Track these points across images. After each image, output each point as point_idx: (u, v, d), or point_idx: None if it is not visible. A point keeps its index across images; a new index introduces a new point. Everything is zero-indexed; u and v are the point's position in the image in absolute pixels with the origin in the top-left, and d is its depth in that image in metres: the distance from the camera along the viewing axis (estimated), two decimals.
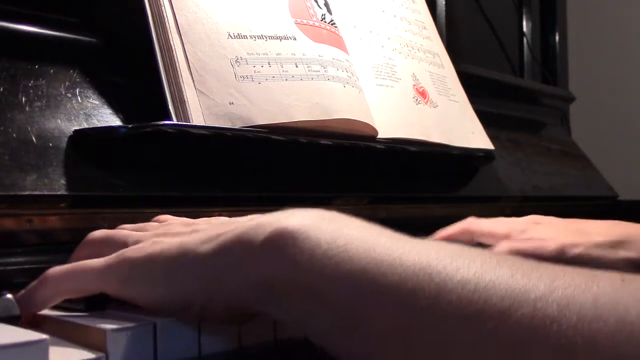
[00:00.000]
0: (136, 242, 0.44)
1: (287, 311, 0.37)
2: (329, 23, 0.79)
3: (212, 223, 0.45)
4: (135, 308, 0.42)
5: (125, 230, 0.47)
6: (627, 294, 0.30)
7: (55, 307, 0.44)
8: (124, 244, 0.44)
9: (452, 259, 0.34)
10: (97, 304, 0.43)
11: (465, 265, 0.33)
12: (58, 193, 0.57)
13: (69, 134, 0.60)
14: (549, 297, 0.31)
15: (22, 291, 0.44)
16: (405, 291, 0.33)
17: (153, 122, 0.61)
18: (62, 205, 0.58)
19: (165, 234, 0.44)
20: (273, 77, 0.69)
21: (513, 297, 0.31)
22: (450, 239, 0.77)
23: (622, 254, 0.72)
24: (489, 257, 0.34)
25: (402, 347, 0.33)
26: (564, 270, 0.33)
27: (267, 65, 0.69)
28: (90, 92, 0.65)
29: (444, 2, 1.20)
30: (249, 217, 0.41)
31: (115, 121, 0.64)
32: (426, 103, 0.91)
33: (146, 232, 0.46)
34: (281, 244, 0.36)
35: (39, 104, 0.60)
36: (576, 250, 0.71)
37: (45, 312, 0.44)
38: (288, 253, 0.36)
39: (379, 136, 0.80)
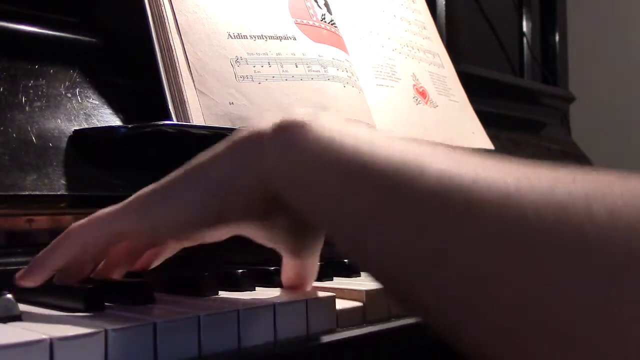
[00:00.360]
0: None
1: (296, 196, 0.38)
2: (329, 23, 0.79)
3: None
4: (133, 309, 0.42)
5: None
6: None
7: (54, 307, 0.44)
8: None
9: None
10: (96, 304, 0.43)
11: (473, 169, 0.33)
12: (58, 193, 0.57)
13: (69, 134, 0.60)
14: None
15: (46, 248, 0.45)
16: (386, 171, 0.34)
17: (153, 122, 0.61)
18: (62, 205, 0.58)
19: None
20: (273, 77, 0.69)
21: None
22: None
23: None
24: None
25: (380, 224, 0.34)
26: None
27: (267, 65, 0.70)
28: (90, 92, 0.65)
29: (444, 2, 1.20)
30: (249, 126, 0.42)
31: (115, 121, 0.64)
32: (426, 103, 0.91)
33: None
34: (289, 131, 0.38)
35: (39, 104, 0.60)
36: None
37: (41, 311, 0.44)
38: (295, 138, 0.38)
39: None
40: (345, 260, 0.63)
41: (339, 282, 0.58)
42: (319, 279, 0.52)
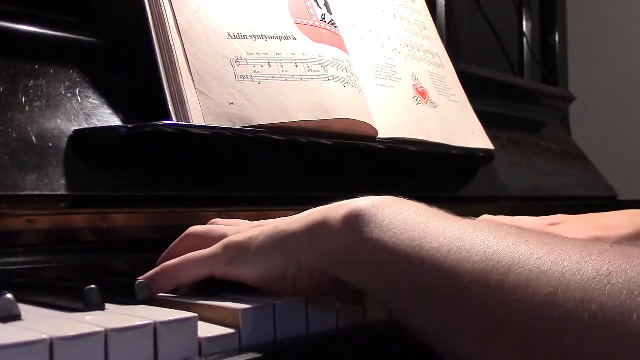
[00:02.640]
0: (235, 233, 0.51)
1: (355, 275, 0.45)
2: (329, 23, 0.79)
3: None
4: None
5: (222, 225, 0.55)
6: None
7: (54, 307, 0.44)
8: (224, 234, 0.52)
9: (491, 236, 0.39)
10: (96, 304, 0.44)
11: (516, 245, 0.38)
12: (58, 193, 0.57)
13: (69, 134, 0.60)
14: None
15: (147, 276, 0.51)
16: (436, 256, 0.40)
17: (153, 122, 0.61)
18: (62, 205, 0.58)
19: (259, 225, 0.52)
20: (273, 77, 0.69)
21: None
22: None
23: None
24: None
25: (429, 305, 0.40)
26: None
27: (267, 65, 0.70)
28: (90, 92, 0.65)
29: (444, 2, 1.20)
30: (326, 206, 0.48)
31: (115, 121, 0.64)
32: (426, 103, 0.91)
33: (242, 224, 0.55)
34: (352, 222, 0.44)
35: (39, 104, 0.60)
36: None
37: (41, 311, 0.44)
38: (357, 229, 0.44)
39: (379, 136, 0.80)
40: None
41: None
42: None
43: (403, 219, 0.43)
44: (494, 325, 0.37)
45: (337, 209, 0.46)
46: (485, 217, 0.78)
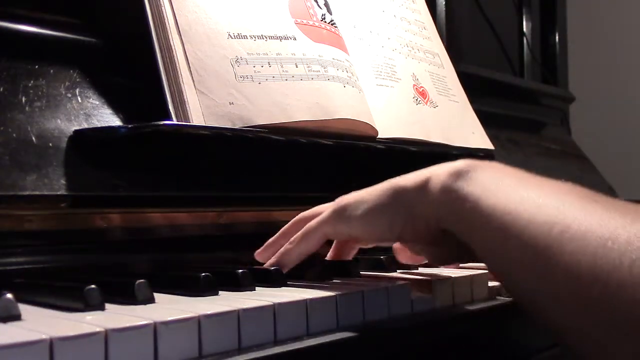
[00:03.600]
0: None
1: (458, 228, 0.50)
2: (329, 23, 0.79)
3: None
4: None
5: (327, 204, 0.60)
6: None
7: (54, 307, 0.44)
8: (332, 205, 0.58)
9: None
10: (96, 304, 0.44)
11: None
12: (58, 193, 0.57)
13: (69, 134, 0.60)
14: None
15: (270, 260, 0.59)
16: (531, 224, 0.44)
17: (153, 122, 0.61)
18: (62, 205, 0.58)
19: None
20: (273, 77, 0.69)
21: None
22: None
23: None
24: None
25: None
26: None
27: (267, 65, 0.69)
28: (90, 92, 0.65)
29: (443, 2, 1.20)
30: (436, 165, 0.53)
31: (115, 121, 0.64)
32: (426, 103, 0.91)
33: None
34: (453, 179, 0.49)
35: (39, 104, 0.60)
36: None
37: (41, 311, 0.44)
38: (456, 186, 0.49)
39: (379, 136, 0.80)
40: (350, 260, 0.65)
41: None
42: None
43: (498, 181, 0.48)
44: (558, 275, 0.41)
45: (441, 167, 0.51)
46: None
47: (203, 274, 0.51)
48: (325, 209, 0.58)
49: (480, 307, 0.60)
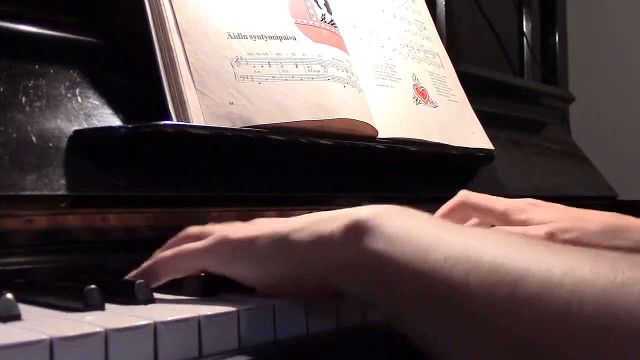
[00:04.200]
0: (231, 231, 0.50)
1: (358, 286, 0.44)
2: (329, 23, 0.79)
3: (300, 218, 0.50)
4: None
5: (219, 225, 0.53)
6: None
7: (54, 307, 0.44)
8: (219, 232, 0.50)
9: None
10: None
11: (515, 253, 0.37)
12: (58, 193, 0.57)
13: (69, 134, 0.60)
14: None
15: (133, 272, 0.52)
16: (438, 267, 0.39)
17: (153, 122, 0.61)
18: (62, 205, 0.58)
19: (257, 224, 0.51)
20: (273, 77, 0.69)
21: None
22: (448, 215, 0.78)
23: (616, 242, 0.73)
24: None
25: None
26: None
27: (267, 65, 0.69)
28: (90, 92, 0.65)
29: (443, 2, 1.20)
30: (329, 212, 0.48)
31: (115, 121, 0.64)
32: (426, 103, 0.91)
33: (239, 225, 0.52)
34: (355, 233, 0.43)
35: (39, 104, 0.60)
36: (567, 236, 0.71)
37: (41, 311, 0.44)
38: (360, 240, 0.42)
39: (379, 136, 0.80)
40: None
41: None
42: None
43: (407, 229, 0.42)
44: (505, 339, 0.36)
45: (339, 218, 0.44)
46: (464, 192, 0.78)
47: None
48: (211, 233, 0.51)
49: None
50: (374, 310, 0.49)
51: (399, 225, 0.42)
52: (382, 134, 0.80)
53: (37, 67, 0.62)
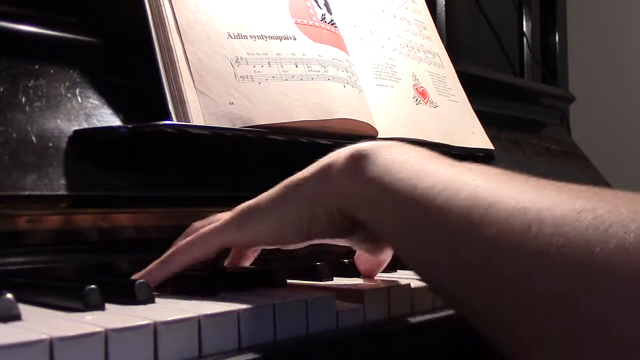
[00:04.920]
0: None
1: (363, 213, 0.46)
2: (329, 23, 0.79)
3: None
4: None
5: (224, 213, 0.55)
6: None
7: (54, 307, 0.44)
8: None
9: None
10: (96, 304, 0.44)
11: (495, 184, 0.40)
12: (58, 193, 0.57)
13: (69, 134, 0.60)
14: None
15: (153, 263, 0.53)
16: (425, 191, 0.42)
17: (153, 122, 0.61)
18: (62, 205, 0.58)
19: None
20: (273, 77, 0.69)
21: None
22: None
23: None
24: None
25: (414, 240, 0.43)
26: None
27: (267, 65, 0.69)
28: (90, 92, 0.65)
29: (443, 2, 1.20)
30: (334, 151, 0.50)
31: (115, 121, 0.64)
32: (426, 103, 0.91)
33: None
34: (356, 162, 0.46)
35: (39, 104, 0.60)
36: None
37: (41, 311, 0.44)
38: (361, 169, 0.46)
39: (379, 136, 0.80)
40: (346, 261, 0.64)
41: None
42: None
43: (402, 160, 0.45)
44: (475, 259, 0.39)
45: (342, 151, 0.48)
46: None
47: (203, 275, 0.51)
48: (221, 217, 0.54)
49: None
50: (384, 241, 0.52)
51: (395, 156, 0.45)
52: (382, 134, 0.80)
53: (37, 67, 0.62)
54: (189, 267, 0.53)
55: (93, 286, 0.44)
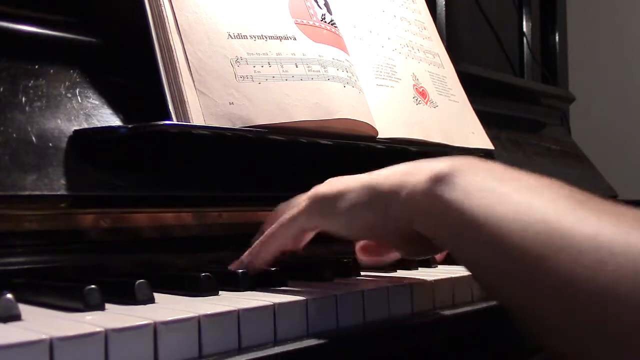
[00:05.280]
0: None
1: (434, 232, 0.50)
2: (329, 23, 0.79)
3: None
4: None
5: (305, 193, 0.58)
6: None
7: (54, 307, 0.44)
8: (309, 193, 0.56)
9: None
10: (96, 304, 0.44)
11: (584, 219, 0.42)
12: (58, 193, 0.57)
13: (69, 134, 0.60)
14: None
15: (247, 252, 0.57)
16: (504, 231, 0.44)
17: (153, 122, 0.61)
18: (62, 205, 0.58)
19: (341, 179, 0.56)
20: (273, 77, 0.69)
21: None
22: None
23: None
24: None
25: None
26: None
27: (267, 65, 0.69)
28: (90, 92, 0.65)
29: (443, 2, 1.20)
30: (412, 163, 0.53)
31: (115, 121, 0.64)
32: (426, 103, 0.91)
33: (325, 182, 0.57)
34: (434, 183, 0.48)
35: (39, 104, 0.60)
36: None
37: (41, 311, 0.44)
38: (438, 190, 0.48)
39: (379, 136, 0.80)
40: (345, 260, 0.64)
41: None
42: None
43: (481, 187, 0.47)
44: (551, 285, 0.41)
45: (423, 169, 0.50)
46: None
47: (203, 274, 0.51)
48: (301, 200, 0.57)
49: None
50: (440, 250, 0.58)
51: (472, 178, 0.47)
52: (382, 134, 0.80)
53: (37, 67, 0.62)
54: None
55: (93, 286, 0.44)
